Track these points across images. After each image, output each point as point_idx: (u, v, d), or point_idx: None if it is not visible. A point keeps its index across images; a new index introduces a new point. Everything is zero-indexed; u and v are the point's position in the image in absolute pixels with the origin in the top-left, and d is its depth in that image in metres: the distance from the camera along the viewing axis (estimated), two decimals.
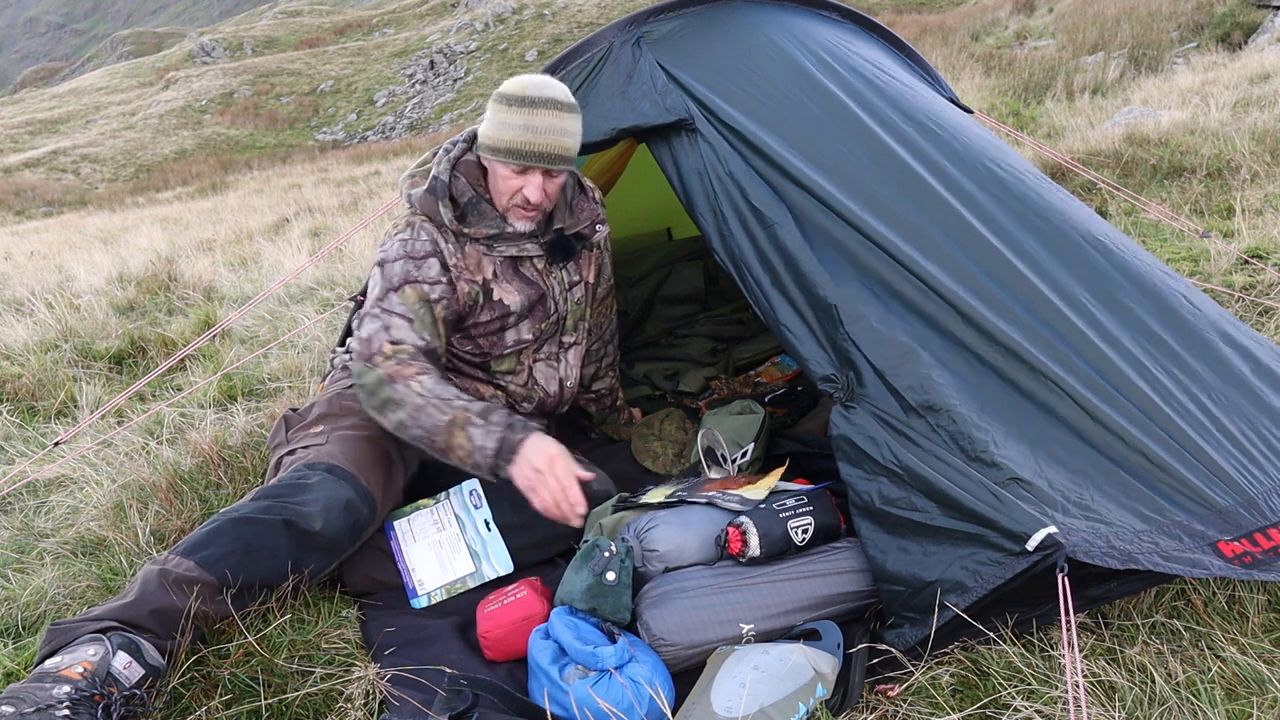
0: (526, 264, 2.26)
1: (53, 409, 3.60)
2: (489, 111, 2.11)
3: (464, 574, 2.07)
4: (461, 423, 1.93)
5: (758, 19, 2.52)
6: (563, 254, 2.28)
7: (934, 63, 3.01)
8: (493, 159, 2.11)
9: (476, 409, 1.96)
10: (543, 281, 2.28)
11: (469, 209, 2.16)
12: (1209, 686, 1.51)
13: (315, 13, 54.16)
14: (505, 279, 2.22)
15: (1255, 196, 4.37)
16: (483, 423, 1.93)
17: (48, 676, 1.51)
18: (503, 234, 2.17)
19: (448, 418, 1.94)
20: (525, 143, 2.04)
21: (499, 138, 2.06)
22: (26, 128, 34.91)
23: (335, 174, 17.51)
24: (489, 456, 1.92)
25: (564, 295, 2.33)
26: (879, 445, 1.76)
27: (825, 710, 1.57)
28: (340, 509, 1.90)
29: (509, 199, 2.14)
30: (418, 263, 2.12)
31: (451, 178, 2.16)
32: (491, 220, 2.16)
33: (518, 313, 2.24)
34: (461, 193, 2.16)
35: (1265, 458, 1.74)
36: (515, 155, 2.06)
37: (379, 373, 2.00)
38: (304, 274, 5.31)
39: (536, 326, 2.30)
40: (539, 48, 33.08)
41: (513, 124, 2.04)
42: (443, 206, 2.13)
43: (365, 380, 2.02)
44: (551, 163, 2.07)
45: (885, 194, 2.06)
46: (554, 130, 2.04)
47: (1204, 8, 11.45)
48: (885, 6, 25.55)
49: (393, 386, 1.98)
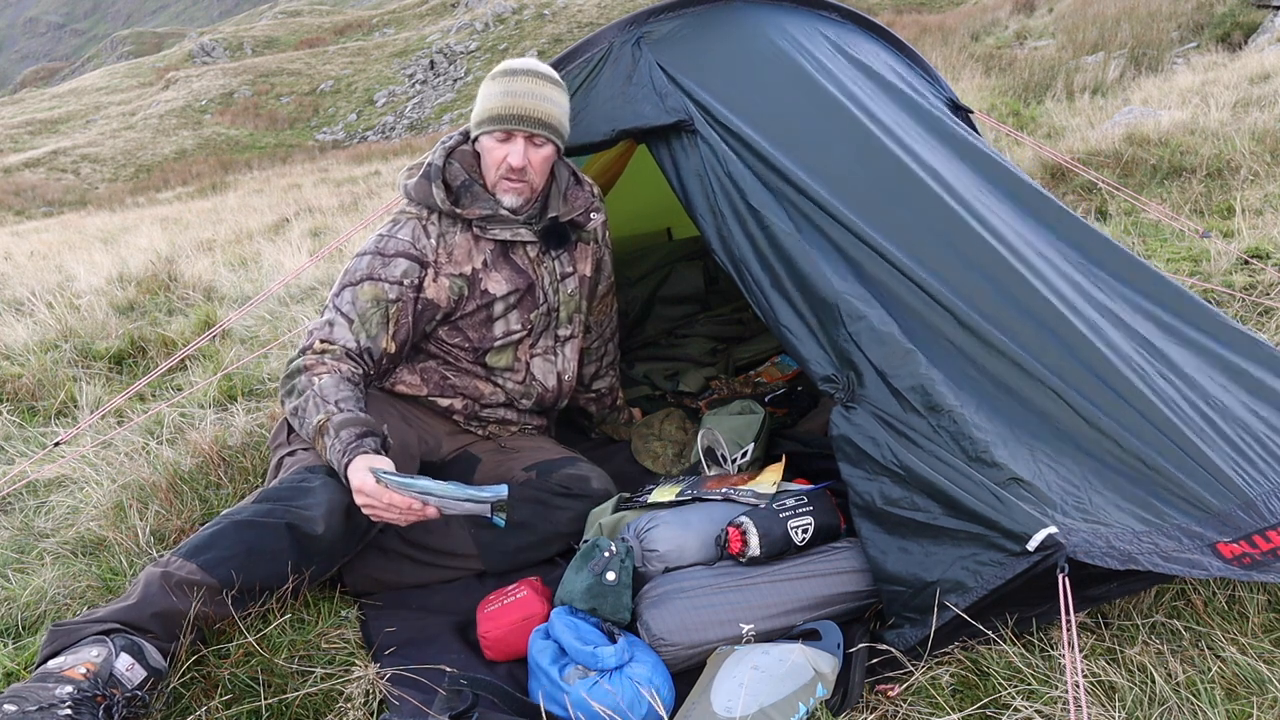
0: (518, 251, 2.27)
1: (53, 409, 3.60)
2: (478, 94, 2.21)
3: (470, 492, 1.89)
4: (323, 429, 1.94)
5: (757, 19, 2.52)
6: (556, 241, 2.30)
7: (934, 63, 3.01)
8: (478, 133, 2.19)
9: (338, 419, 1.93)
10: (533, 271, 2.29)
11: (462, 191, 2.20)
12: (1209, 686, 1.51)
13: (315, 13, 54.16)
14: (494, 267, 2.25)
15: (1255, 196, 4.37)
16: (334, 436, 1.91)
17: (50, 677, 1.51)
18: (495, 215, 2.20)
19: (318, 420, 1.95)
20: (505, 107, 2.12)
21: (483, 109, 2.17)
22: (26, 128, 34.91)
23: (335, 174, 17.51)
24: (337, 469, 1.91)
25: (554, 286, 2.34)
26: (879, 445, 1.76)
27: (825, 710, 1.57)
28: (342, 513, 1.90)
29: (496, 171, 2.19)
30: (385, 260, 2.16)
31: (446, 163, 2.21)
32: (485, 201, 2.20)
33: (504, 301, 2.26)
34: (455, 176, 2.21)
35: (1263, 460, 1.75)
36: (496, 120, 2.13)
37: (299, 362, 2.08)
38: (304, 274, 5.31)
39: (525, 317, 2.31)
40: (539, 48, 33.06)
41: (494, 93, 2.15)
42: (435, 188, 2.18)
43: (288, 366, 2.10)
44: (532, 126, 2.13)
45: (884, 196, 2.06)
46: (533, 95, 2.13)
47: (1204, 8, 11.44)
48: (885, 6, 25.54)
49: (300, 377, 2.05)
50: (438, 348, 2.29)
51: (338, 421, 1.93)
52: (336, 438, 1.91)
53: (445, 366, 2.30)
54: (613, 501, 2.15)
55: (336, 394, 1.99)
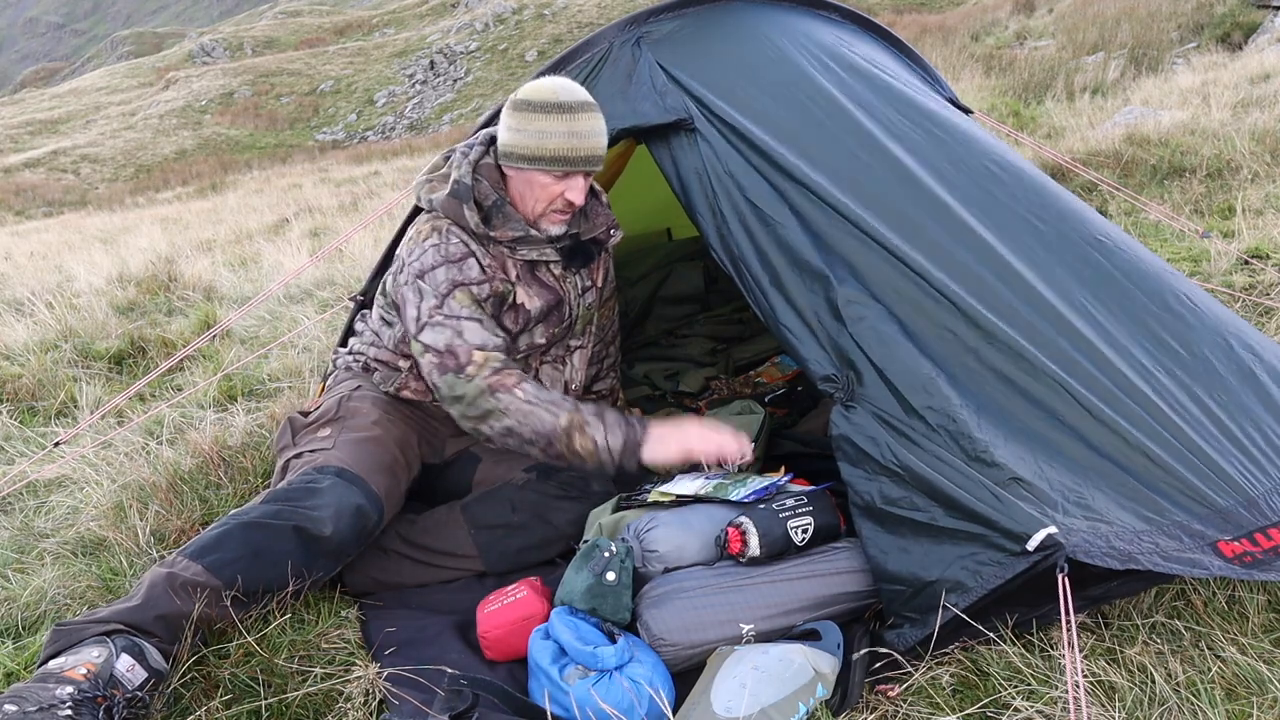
0: (543, 269, 2.25)
1: (53, 409, 3.60)
2: (515, 120, 2.07)
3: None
4: (579, 425, 1.99)
5: (757, 19, 2.52)
6: (582, 259, 2.28)
7: (934, 63, 3.01)
8: (532, 168, 2.08)
9: (588, 410, 2.02)
10: (560, 287, 2.27)
11: (493, 212, 2.14)
12: (1209, 686, 1.51)
13: (315, 13, 54.14)
14: (526, 283, 2.22)
15: (1255, 196, 4.37)
16: (599, 422, 2.00)
17: (51, 677, 1.51)
18: (527, 237, 2.16)
19: (563, 422, 1.98)
20: (572, 149, 2.04)
21: (542, 147, 2.04)
22: (26, 128, 34.92)
23: (335, 174, 17.52)
24: (614, 454, 2.00)
25: (578, 300, 2.34)
26: (879, 445, 1.76)
27: (825, 710, 1.57)
28: (350, 514, 1.90)
29: (548, 205, 2.13)
30: (458, 265, 2.11)
31: (474, 181, 2.14)
32: (516, 223, 2.15)
33: (536, 317, 2.24)
34: (485, 196, 2.14)
35: (1266, 457, 1.74)
36: (563, 162, 2.05)
37: (478, 384, 2.00)
38: (304, 274, 5.31)
39: (550, 331, 2.30)
40: (539, 48, 33.09)
41: (556, 131, 2.03)
42: (468, 210, 2.11)
43: (462, 392, 2.01)
44: (594, 165, 2.08)
45: (885, 194, 2.06)
46: (595, 133, 2.06)
47: (1204, 8, 11.45)
48: (885, 6, 25.55)
49: (495, 396, 1.99)
50: None
51: (590, 410, 2.02)
52: (606, 423, 2.00)
53: None
54: (613, 502, 2.15)
55: (550, 393, 2.04)
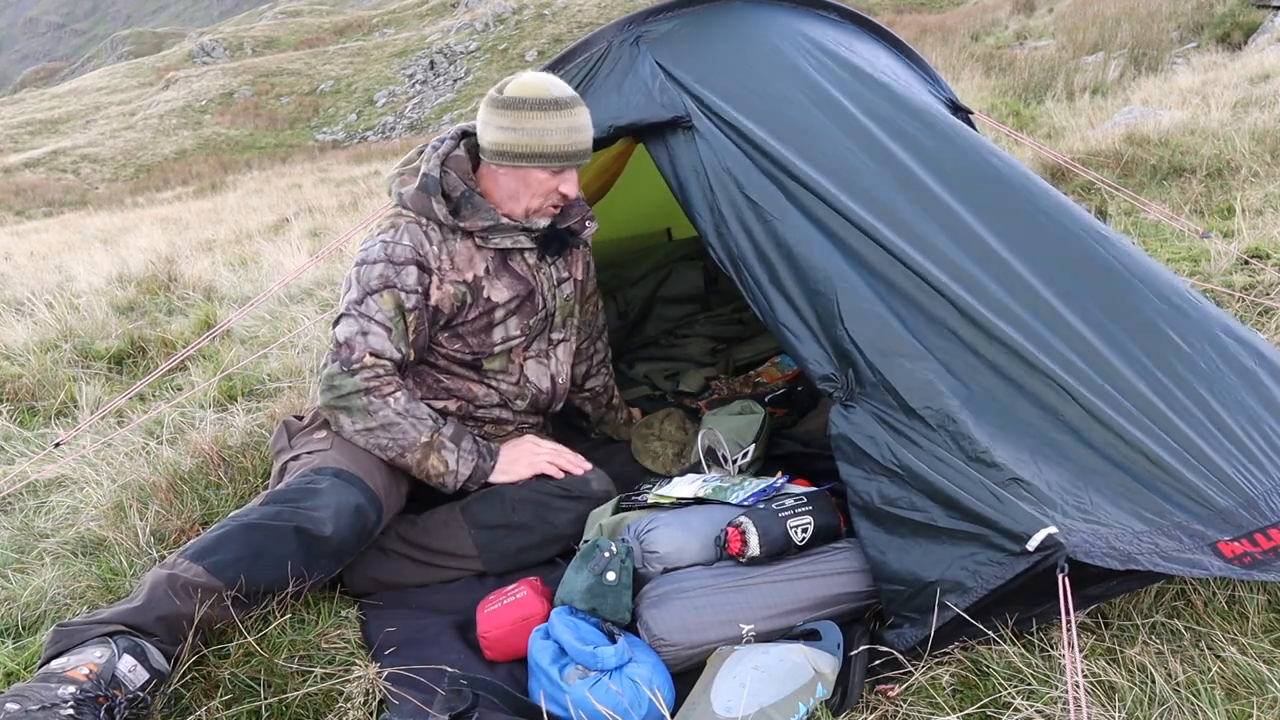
0: (517, 258, 2.27)
1: (53, 409, 3.60)
2: (506, 119, 2.08)
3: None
4: (437, 445, 2.10)
5: (756, 19, 2.52)
6: (555, 248, 2.30)
7: (934, 63, 3.01)
8: (530, 165, 2.11)
9: (449, 432, 2.13)
10: (532, 277, 2.29)
11: (462, 203, 2.17)
12: (1209, 686, 1.51)
13: (315, 13, 54.13)
14: (495, 275, 2.23)
15: (1255, 196, 4.37)
16: (455, 448, 2.13)
17: (53, 677, 1.51)
18: (498, 225, 2.18)
19: (424, 439, 2.08)
20: (572, 144, 2.10)
21: (543, 144, 2.08)
22: (26, 128, 34.91)
23: (335, 174, 17.52)
24: (459, 480, 2.14)
25: (553, 291, 2.35)
26: (878, 445, 1.76)
27: (825, 710, 1.57)
28: (350, 514, 1.90)
29: (544, 200, 2.18)
30: (397, 268, 2.12)
31: (442, 173, 2.17)
32: (486, 212, 2.17)
33: (505, 308, 2.25)
34: (453, 187, 2.17)
35: (1266, 456, 1.74)
36: (563, 158, 2.11)
37: (357, 381, 2.05)
38: (304, 274, 5.31)
39: (524, 323, 2.31)
40: (539, 48, 33.07)
41: (555, 128, 2.07)
42: (435, 202, 2.14)
43: (340, 384, 2.05)
44: (588, 158, 2.16)
45: (883, 193, 2.06)
46: (588, 127, 2.13)
47: (1204, 8, 11.45)
48: (885, 6, 25.55)
49: (368, 398, 2.05)
50: (433, 353, 2.29)
51: (450, 433, 2.13)
52: (460, 449, 2.13)
53: (439, 371, 2.30)
54: (613, 502, 2.15)
55: (421, 408, 2.12)
